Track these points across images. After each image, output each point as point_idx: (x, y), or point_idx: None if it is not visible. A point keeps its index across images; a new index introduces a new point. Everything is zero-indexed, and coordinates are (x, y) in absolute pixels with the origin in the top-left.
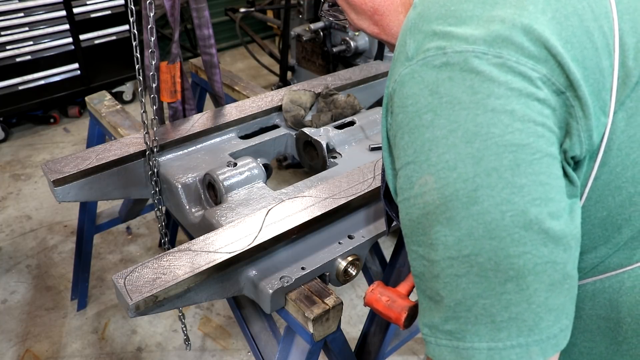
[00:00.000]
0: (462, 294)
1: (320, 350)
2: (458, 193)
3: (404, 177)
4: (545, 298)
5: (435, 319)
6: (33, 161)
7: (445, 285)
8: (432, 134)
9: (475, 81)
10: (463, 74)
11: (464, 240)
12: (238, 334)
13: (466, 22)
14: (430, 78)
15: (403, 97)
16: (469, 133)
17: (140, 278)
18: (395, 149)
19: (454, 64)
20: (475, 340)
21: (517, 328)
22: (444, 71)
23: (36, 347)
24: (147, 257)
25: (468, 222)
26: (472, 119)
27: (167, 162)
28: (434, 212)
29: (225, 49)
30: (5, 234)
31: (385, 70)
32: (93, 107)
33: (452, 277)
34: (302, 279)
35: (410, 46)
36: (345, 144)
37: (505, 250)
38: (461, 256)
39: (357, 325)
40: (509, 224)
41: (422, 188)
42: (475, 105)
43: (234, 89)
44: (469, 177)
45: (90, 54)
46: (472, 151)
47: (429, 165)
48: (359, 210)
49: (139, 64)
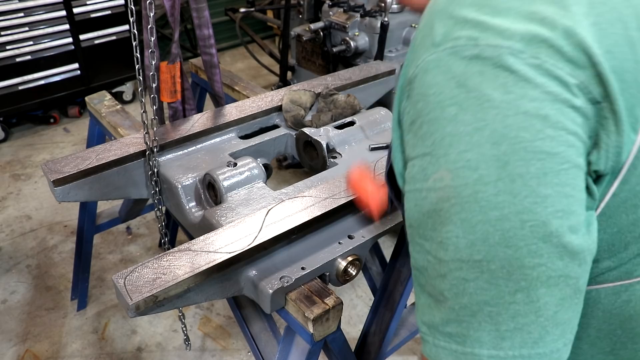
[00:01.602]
0: (468, 298)
1: (320, 350)
2: (477, 195)
3: (418, 167)
4: (555, 312)
5: (436, 319)
6: (33, 161)
7: (451, 287)
8: (455, 129)
9: (508, 80)
10: (495, 71)
11: (478, 244)
12: (238, 334)
13: (502, 14)
14: (458, 69)
15: (425, 84)
16: (497, 134)
17: (140, 278)
18: (410, 136)
19: (487, 58)
20: (477, 347)
21: (522, 339)
22: (474, 64)
23: (36, 347)
24: (147, 257)
25: (484, 227)
26: (502, 119)
27: (167, 162)
28: (447, 210)
29: (225, 49)
30: (5, 234)
31: (385, 70)
32: (93, 107)
33: (460, 280)
34: (302, 279)
35: (438, 31)
36: (345, 144)
37: (520, 260)
38: (472, 260)
39: (357, 325)
40: (527, 234)
41: (437, 183)
42: (506, 106)
43: (234, 89)
44: (491, 181)
45: (90, 54)
46: (497, 154)
47: (447, 160)
48: (359, 210)
49: (139, 64)
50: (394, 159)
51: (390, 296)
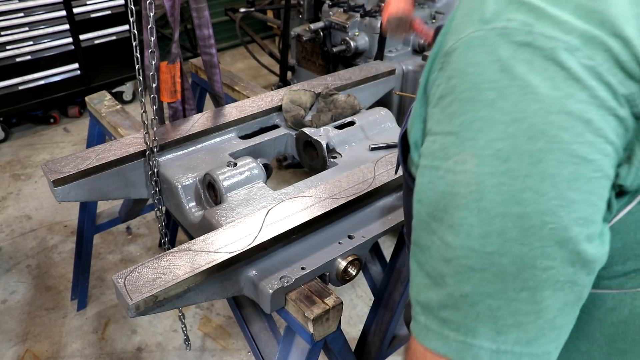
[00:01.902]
0: (471, 288)
1: (320, 350)
2: (502, 187)
3: (439, 144)
4: (555, 316)
5: (433, 301)
6: (33, 161)
7: (455, 273)
8: (489, 114)
9: (558, 75)
10: (546, 63)
11: (492, 237)
12: (238, 334)
13: (562, 4)
14: (505, 53)
15: (465, 61)
16: (536, 129)
17: (140, 278)
18: (436, 110)
19: (539, 48)
20: (469, 336)
21: (517, 336)
22: (524, 51)
23: (36, 347)
24: (147, 257)
25: (503, 221)
26: (544, 115)
27: (167, 162)
28: (465, 195)
29: (225, 49)
30: (5, 234)
31: (385, 70)
32: (93, 107)
33: (465, 268)
34: (302, 279)
35: (489, 7)
36: (345, 144)
37: (533, 260)
38: (483, 252)
39: (357, 325)
40: (546, 236)
41: (459, 166)
42: (551, 102)
43: (234, 89)
44: (520, 175)
45: (90, 54)
46: (532, 149)
47: (473, 145)
48: (359, 210)
49: (139, 64)
50: (412, 126)
51: (390, 296)
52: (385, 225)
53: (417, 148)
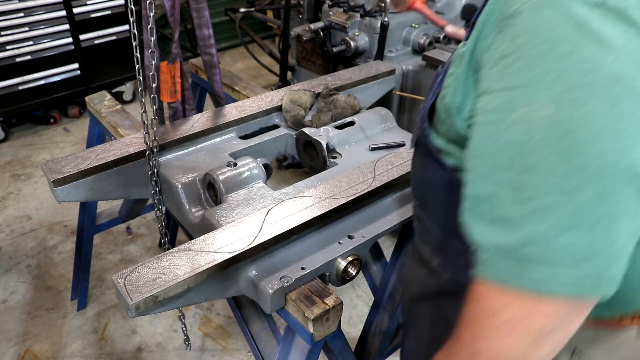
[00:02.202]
0: (548, 225)
1: (320, 350)
2: (583, 128)
3: (502, 99)
4: (624, 245)
5: (511, 241)
6: (33, 161)
7: (531, 213)
8: (565, 66)
9: (630, 31)
10: (618, 20)
11: (573, 173)
12: (238, 334)
13: None
14: (579, 12)
15: (536, 20)
16: (612, 76)
17: (140, 278)
18: (495, 70)
19: (612, 8)
20: (554, 265)
21: (593, 264)
22: (597, 10)
23: (36, 347)
24: (147, 257)
25: (583, 158)
26: (619, 65)
27: (167, 162)
28: (543, 138)
29: (225, 49)
30: (5, 234)
31: (385, 70)
32: (93, 107)
33: (548, 205)
34: (302, 279)
35: None
36: (345, 144)
37: (608, 195)
38: (562, 190)
39: (357, 325)
40: (620, 170)
41: (529, 115)
42: (625, 54)
43: (234, 89)
44: (599, 117)
45: (90, 54)
46: (611, 94)
47: (549, 93)
48: (359, 210)
49: (139, 64)
50: (451, 93)
51: (390, 296)
52: (385, 225)
53: (460, 111)
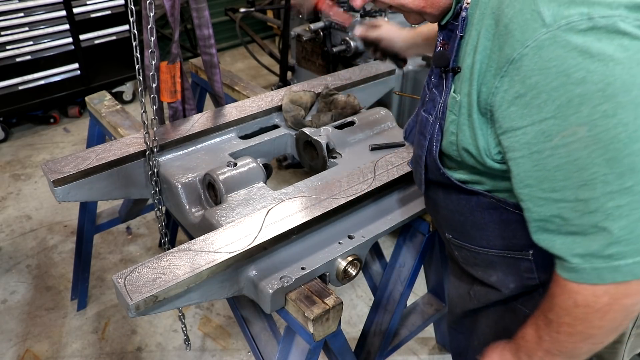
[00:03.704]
0: (625, 220)
1: (320, 350)
2: (620, 135)
3: (534, 132)
4: None
5: (594, 247)
6: (33, 161)
7: (607, 217)
8: (584, 89)
9: (624, 40)
10: (611, 35)
11: (626, 174)
12: (238, 334)
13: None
14: (577, 41)
15: (543, 60)
16: (627, 84)
17: (140, 278)
18: (514, 109)
19: (601, 27)
20: (637, 256)
21: None
22: (591, 34)
23: (36, 347)
24: (147, 257)
25: (631, 158)
26: (628, 71)
27: (167, 162)
28: (587, 156)
29: (225, 49)
30: (5, 234)
31: (385, 70)
32: (93, 107)
33: (614, 208)
34: (302, 279)
35: (545, 14)
36: (345, 144)
37: None
38: (623, 189)
39: (357, 325)
40: None
41: (567, 139)
42: (629, 60)
43: (234, 89)
44: (630, 121)
45: (90, 54)
46: (630, 98)
47: (579, 117)
48: (359, 210)
49: (139, 64)
50: (465, 138)
51: (390, 296)
52: (385, 225)
53: (488, 151)
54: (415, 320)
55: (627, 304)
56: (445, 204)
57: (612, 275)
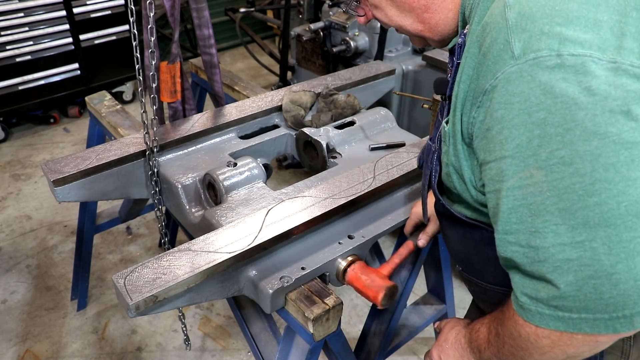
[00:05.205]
0: (573, 276)
1: (320, 350)
2: (574, 186)
3: (495, 170)
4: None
5: (541, 294)
6: (33, 161)
7: (555, 269)
8: (544, 131)
9: (592, 84)
10: (579, 77)
11: (579, 228)
12: (238, 334)
13: (574, 23)
14: (542, 78)
15: (508, 94)
16: (588, 132)
17: (140, 278)
18: (484, 142)
19: (569, 66)
20: (583, 313)
21: (624, 302)
22: (558, 72)
23: (36, 347)
24: (147, 257)
25: (584, 212)
26: (591, 118)
27: (167, 162)
28: (541, 203)
29: (225, 49)
30: (5, 234)
31: (385, 70)
32: (93, 107)
33: (563, 261)
34: (302, 279)
35: (516, 45)
36: (345, 144)
37: (619, 236)
38: (574, 242)
39: (357, 325)
40: (623, 213)
41: (524, 181)
42: (593, 107)
43: (234, 89)
44: (586, 172)
45: (90, 54)
46: (590, 149)
47: (536, 160)
48: (359, 210)
49: (139, 64)
50: (454, 171)
51: None
52: (385, 225)
53: (472, 183)
54: (415, 320)
55: (569, 352)
56: (452, 236)
57: (555, 324)
